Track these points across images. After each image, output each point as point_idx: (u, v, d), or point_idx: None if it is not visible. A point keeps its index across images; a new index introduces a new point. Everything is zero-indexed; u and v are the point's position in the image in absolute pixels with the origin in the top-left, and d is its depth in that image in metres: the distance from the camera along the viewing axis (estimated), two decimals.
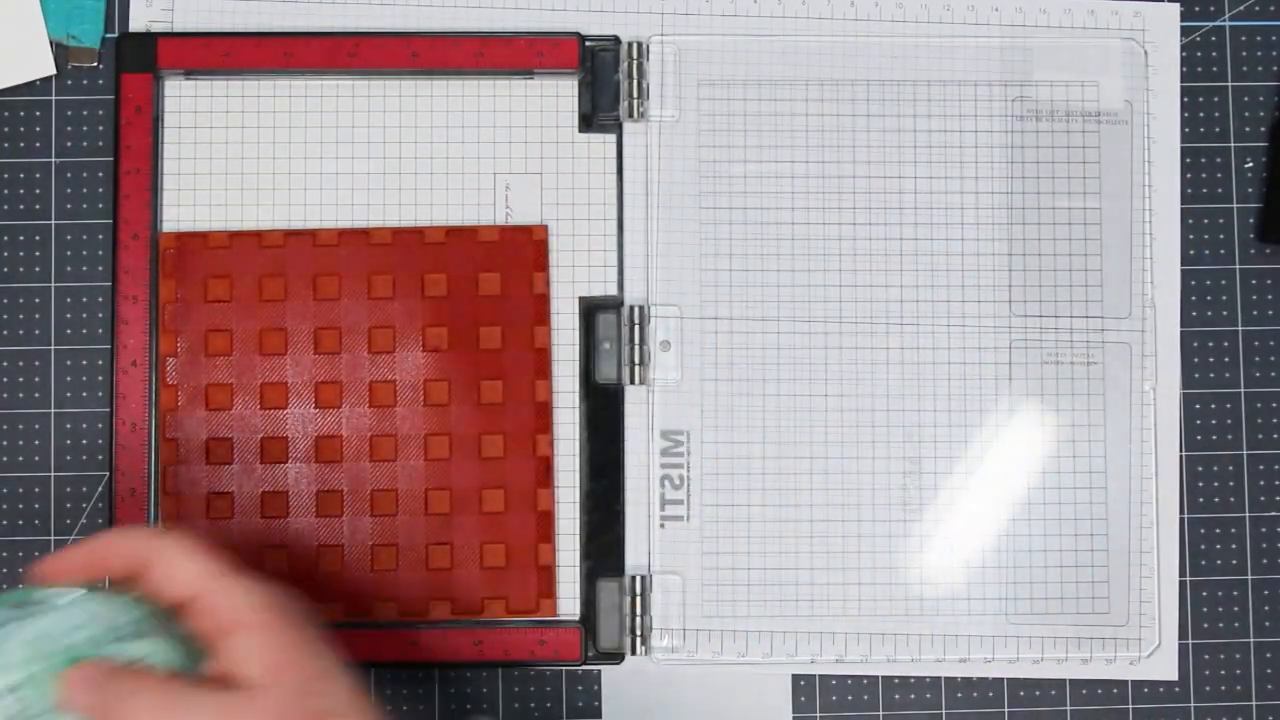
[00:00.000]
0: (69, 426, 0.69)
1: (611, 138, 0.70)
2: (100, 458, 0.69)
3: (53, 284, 0.70)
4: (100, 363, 0.69)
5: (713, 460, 0.69)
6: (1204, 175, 0.72)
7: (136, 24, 0.70)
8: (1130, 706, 0.70)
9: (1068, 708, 0.70)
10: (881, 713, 0.69)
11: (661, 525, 0.69)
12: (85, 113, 0.70)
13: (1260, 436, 0.71)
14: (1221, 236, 0.72)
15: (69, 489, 0.69)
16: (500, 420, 0.68)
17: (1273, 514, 0.71)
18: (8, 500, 0.69)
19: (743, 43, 0.71)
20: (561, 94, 0.71)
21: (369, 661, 0.68)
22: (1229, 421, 0.71)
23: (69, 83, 0.70)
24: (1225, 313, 0.72)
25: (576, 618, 0.69)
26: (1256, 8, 0.73)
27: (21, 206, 0.70)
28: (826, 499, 0.70)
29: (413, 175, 0.70)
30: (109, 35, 0.70)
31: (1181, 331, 0.71)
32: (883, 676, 0.70)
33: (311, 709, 0.52)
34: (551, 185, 0.70)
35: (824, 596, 0.69)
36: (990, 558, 0.70)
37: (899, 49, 0.71)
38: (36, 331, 0.70)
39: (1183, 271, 0.72)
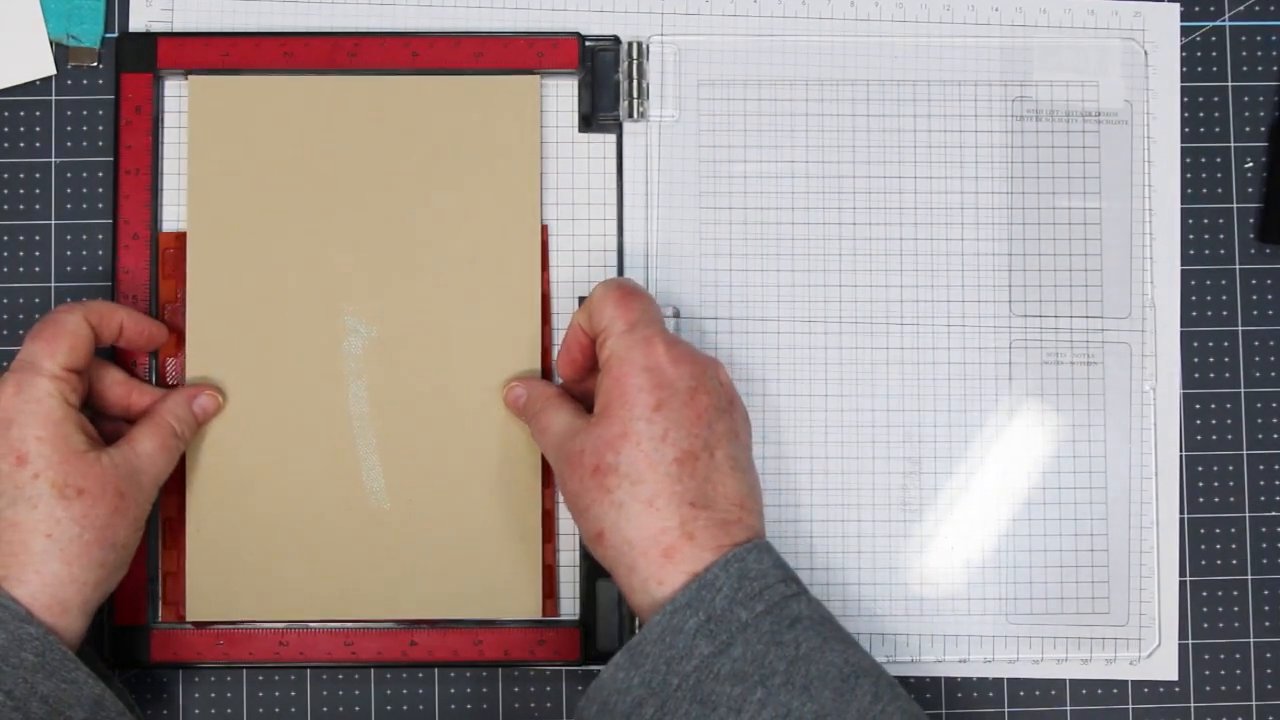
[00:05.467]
0: None
1: (611, 138, 0.70)
2: None
3: (53, 284, 0.70)
4: None
5: None
6: (1204, 175, 0.72)
7: (136, 24, 0.70)
8: (1130, 706, 0.70)
9: (1068, 708, 0.70)
10: None
11: None
12: (85, 113, 0.70)
13: (1260, 436, 0.71)
14: (1221, 236, 0.72)
15: None
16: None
17: (1273, 514, 0.71)
18: None
19: (743, 43, 0.71)
20: (561, 94, 0.71)
21: (369, 662, 0.68)
22: (1229, 421, 0.71)
23: (69, 83, 0.70)
24: (1225, 313, 0.72)
25: (576, 618, 0.69)
26: (1256, 8, 0.73)
27: (21, 206, 0.70)
28: (826, 499, 0.70)
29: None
30: (109, 35, 0.70)
31: (1181, 331, 0.71)
32: None
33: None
34: (551, 185, 0.70)
35: (824, 596, 0.69)
36: (990, 558, 0.70)
37: (899, 49, 0.71)
38: None
39: (1183, 271, 0.72)
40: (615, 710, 0.57)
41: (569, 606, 0.69)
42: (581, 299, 0.69)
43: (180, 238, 0.69)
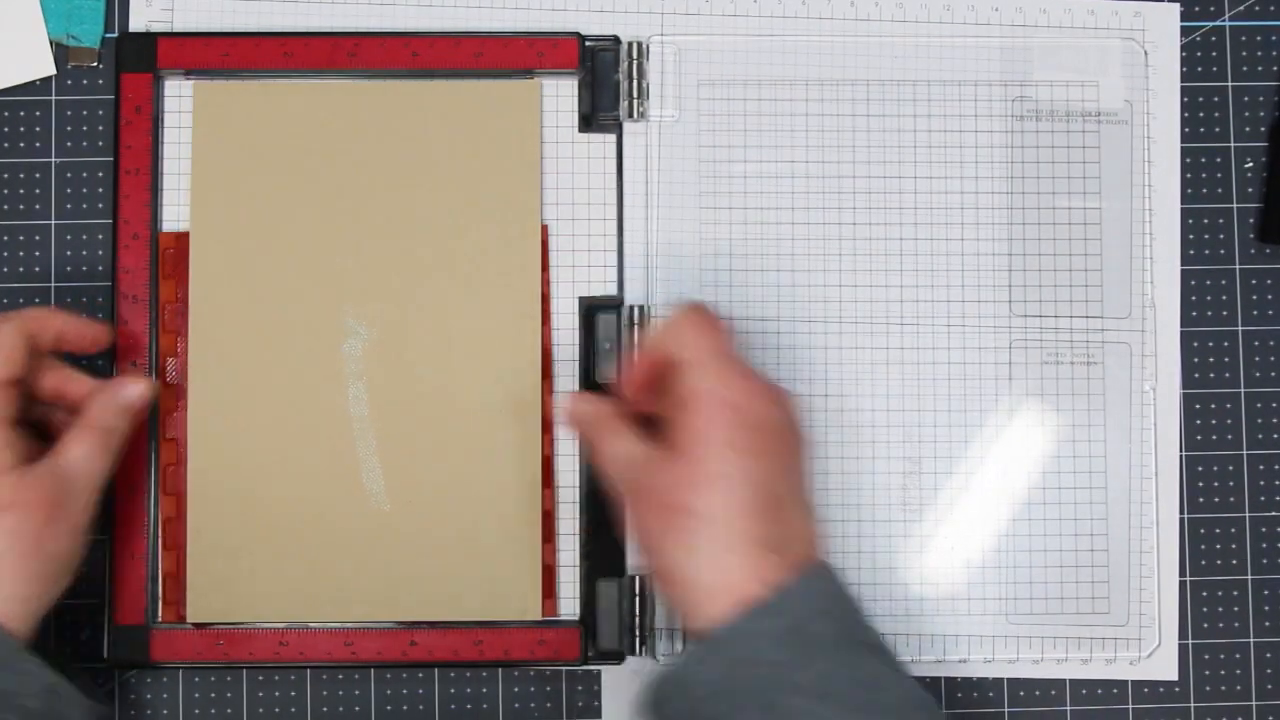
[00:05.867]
0: None
1: (611, 138, 0.70)
2: None
3: (53, 284, 0.70)
4: (100, 363, 0.69)
5: None
6: (1204, 175, 0.72)
7: (136, 24, 0.70)
8: (1130, 706, 0.70)
9: (1068, 708, 0.70)
10: None
11: None
12: (85, 113, 0.70)
13: (1260, 436, 0.71)
14: (1221, 236, 0.72)
15: None
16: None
17: (1273, 514, 0.71)
18: None
19: (743, 43, 0.71)
20: (561, 94, 0.71)
21: (369, 662, 0.68)
22: (1229, 421, 0.71)
23: (69, 83, 0.70)
24: (1225, 313, 0.72)
25: (576, 618, 0.69)
26: (1256, 8, 0.73)
27: (21, 206, 0.70)
28: (826, 499, 0.70)
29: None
30: (109, 35, 0.70)
31: (1181, 331, 0.71)
32: None
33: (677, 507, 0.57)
34: (551, 185, 0.70)
35: None
36: (990, 558, 0.70)
37: (899, 49, 0.71)
38: None
39: (1183, 271, 0.72)
40: (686, 702, 0.55)
41: (569, 606, 0.69)
42: (582, 299, 0.69)
43: (180, 238, 0.69)
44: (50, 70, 0.70)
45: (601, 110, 0.70)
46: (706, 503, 0.56)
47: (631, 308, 0.70)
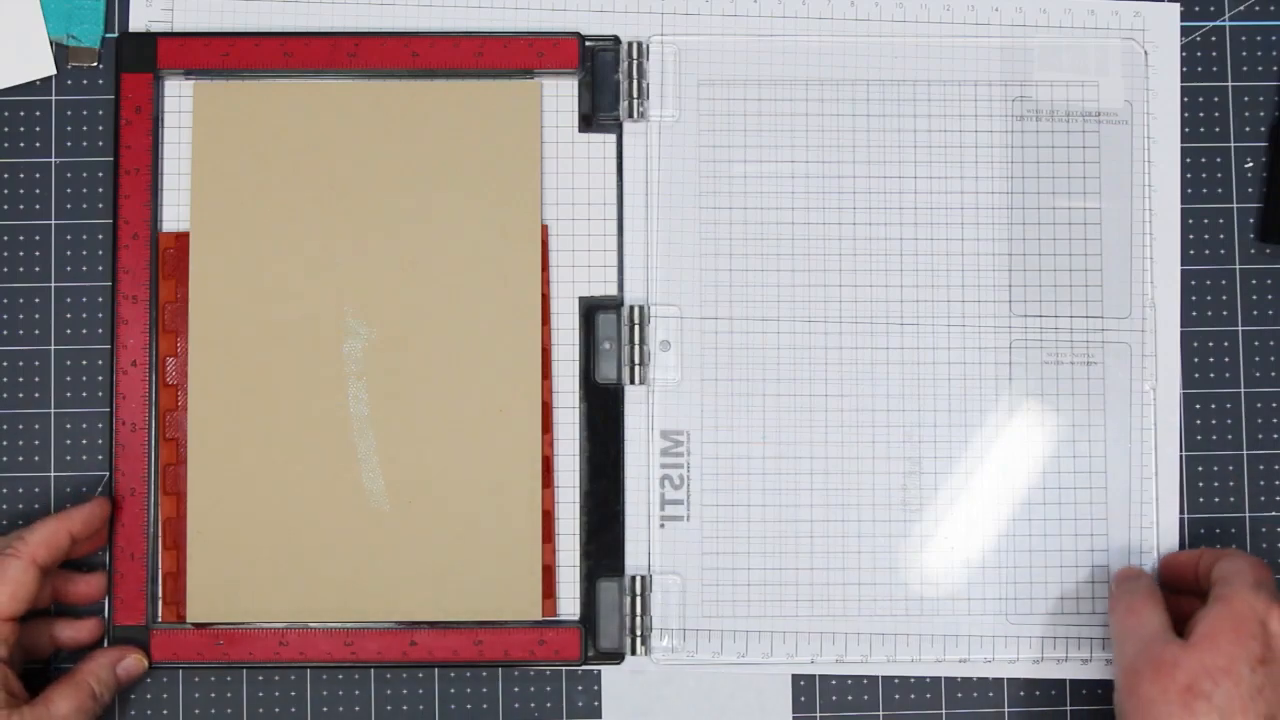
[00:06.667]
0: (69, 426, 0.69)
1: (611, 138, 0.70)
2: (100, 458, 0.69)
3: (53, 284, 0.70)
4: (100, 363, 0.69)
5: (713, 460, 0.69)
6: (1204, 175, 0.72)
7: (136, 24, 0.70)
8: None
9: (1068, 708, 0.70)
10: (881, 713, 0.69)
11: (661, 525, 0.69)
12: (85, 113, 0.70)
13: (1260, 436, 0.71)
14: (1221, 236, 0.72)
15: (69, 489, 0.69)
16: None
17: (1273, 514, 0.71)
18: (8, 500, 0.69)
19: (743, 43, 0.71)
20: (561, 94, 0.71)
21: (369, 662, 0.68)
22: (1229, 421, 0.71)
23: (69, 83, 0.70)
24: (1225, 313, 0.72)
25: (576, 618, 0.69)
26: (1256, 8, 0.73)
27: (21, 206, 0.70)
28: (826, 499, 0.70)
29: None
30: (109, 35, 0.70)
31: (1181, 331, 0.71)
32: (883, 676, 0.70)
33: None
34: (551, 185, 0.70)
35: (824, 596, 0.69)
36: (990, 558, 0.70)
37: (899, 49, 0.71)
38: (36, 331, 0.70)
39: (1183, 271, 0.72)
40: None
41: (569, 606, 0.69)
42: (582, 299, 0.70)
43: (180, 238, 0.69)
44: (50, 70, 0.70)
45: (601, 110, 0.70)
46: (1225, 694, 0.60)
47: (631, 307, 0.70)
